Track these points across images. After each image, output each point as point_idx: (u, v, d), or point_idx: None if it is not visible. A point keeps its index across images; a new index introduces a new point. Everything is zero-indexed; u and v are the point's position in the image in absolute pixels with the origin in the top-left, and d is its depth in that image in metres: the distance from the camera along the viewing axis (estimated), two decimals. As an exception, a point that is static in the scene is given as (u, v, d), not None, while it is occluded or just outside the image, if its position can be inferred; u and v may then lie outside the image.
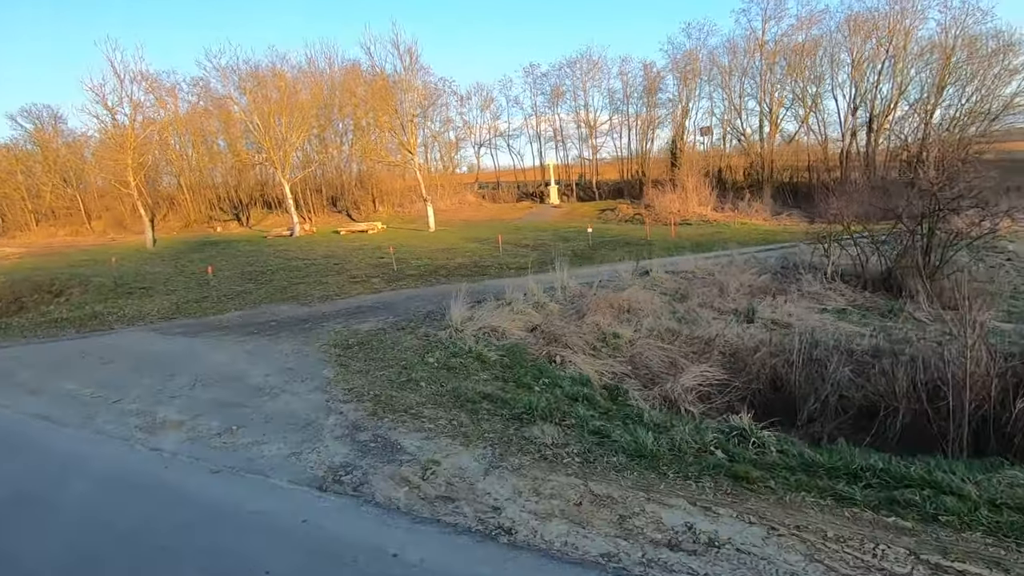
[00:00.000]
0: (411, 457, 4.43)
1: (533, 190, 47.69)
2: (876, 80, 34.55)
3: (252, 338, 8.70)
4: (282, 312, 11.22)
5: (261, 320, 10.45)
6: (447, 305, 10.44)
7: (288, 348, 7.89)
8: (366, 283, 14.49)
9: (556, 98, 46.05)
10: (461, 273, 15.51)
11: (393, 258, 17.03)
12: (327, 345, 7.91)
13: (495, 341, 7.74)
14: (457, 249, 20.54)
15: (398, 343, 7.74)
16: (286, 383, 6.15)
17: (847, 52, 35.76)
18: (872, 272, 11.09)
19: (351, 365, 6.73)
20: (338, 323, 9.66)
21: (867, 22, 33.66)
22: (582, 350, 7.52)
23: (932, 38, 33.59)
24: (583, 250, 19.84)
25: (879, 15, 33.31)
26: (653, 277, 11.70)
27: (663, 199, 31.66)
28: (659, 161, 42.49)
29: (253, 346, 8.13)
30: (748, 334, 7.84)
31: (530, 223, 31.65)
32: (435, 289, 13.19)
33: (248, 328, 9.65)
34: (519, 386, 5.90)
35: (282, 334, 8.86)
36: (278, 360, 7.22)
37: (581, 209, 36.46)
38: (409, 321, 9.43)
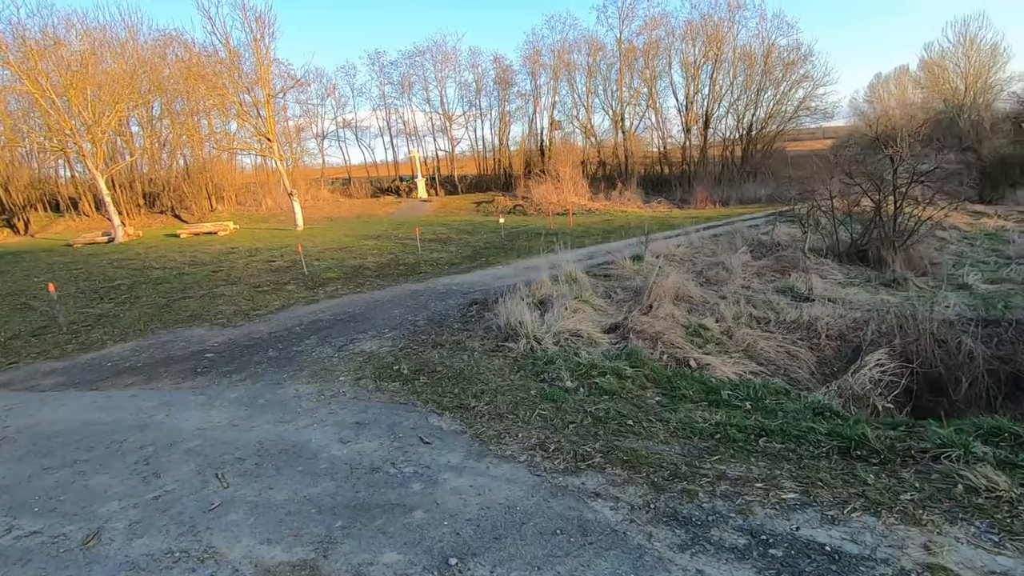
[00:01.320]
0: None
1: (388, 185, 44.76)
2: (711, 81, 38.41)
3: (211, 383, 5.76)
4: (203, 338, 8.00)
5: (183, 352, 7.24)
6: (440, 310, 8.40)
7: (306, 391, 5.24)
8: (282, 292, 11.39)
9: (407, 89, 43.53)
10: (392, 273, 13.12)
11: (303, 260, 13.86)
12: (368, 379, 5.42)
13: (590, 348, 6.03)
14: (355, 248, 17.68)
15: (476, 366, 5.58)
16: (405, 455, 3.72)
17: (681, 55, 39.25)
18: (843, 246, 11.50)
19: (468, 408, 4.48)
20: (321, 346, 7.02)
21: (700, 29, 37.21)
22: (697, 348, 6.19)
23: (747, 46, 38.29)
24: (499, 242, 18.40)
25: (709, 23, 37.00)
26: (648, 262, 10.78)
27: (539, 190, 31.47)
28: (520, 154, 42.56)
29: (238, 394, 5.29)
30: (836, 313, 7.23)
31: (408, 218, 29.16)
32: (389, 293, 10.75)
33: (180, 367, 6.51)
34: (727, 407, 4.37)
35: (258, 371, 6.04)
36: (322, 413, 4.63)
37: (454, 203, 34.78)
38: (428, 334, 7.18)
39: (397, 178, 46.27)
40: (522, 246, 17.32)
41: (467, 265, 14.07)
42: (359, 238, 20.51)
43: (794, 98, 40.68)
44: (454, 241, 19.58)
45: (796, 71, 39.33)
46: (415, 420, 4.29)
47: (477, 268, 13.53)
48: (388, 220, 28.40)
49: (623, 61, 36.32)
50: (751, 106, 38.80)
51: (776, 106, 39.91)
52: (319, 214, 31.67)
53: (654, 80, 39.20)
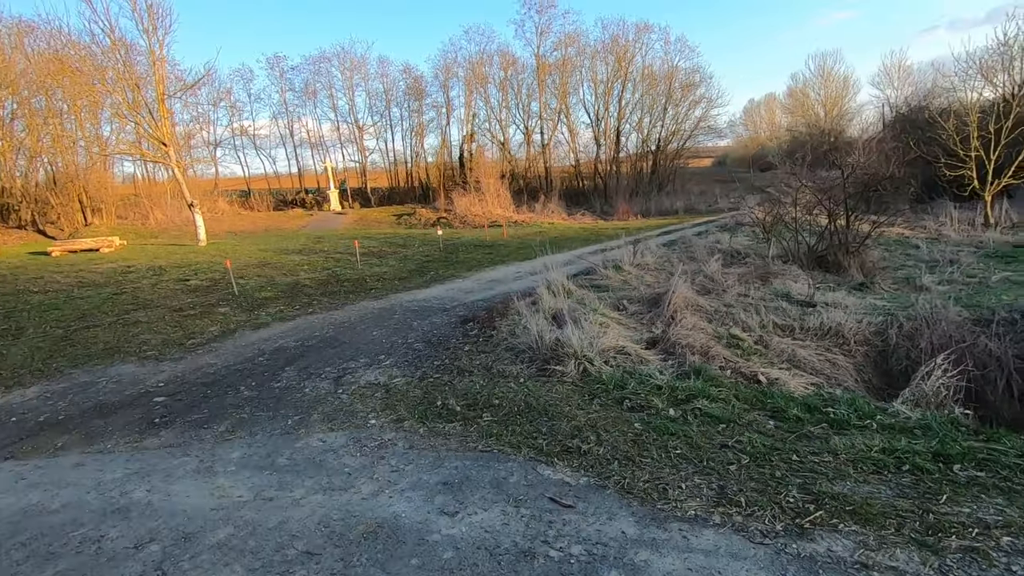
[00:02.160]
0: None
1: (293, 197, 41.94)
2: (620, 99, 39.94)
3: (187, 438, 4.36)
4: (137, 377, 6.38)
5: (118, 398, 5.65)
6: (429, 330, 7.45)
7: (337, 442, 4.06)
8: (214, 315, 9.70)
9: (311, 96, 41.13)
10: (338, 290, 11.80)
11: (233, 278, 12.03)
12: (412, 420, 4.31)
13: (642, 366, 5.39)
14: (280, 264, 15.86)
15: (535, 396, 4.66)
16: (552, 528, 2.56)
17: (592, 73, 40.53)
18: (802, 253, 11.89)
19: (578, 452, 3.53)
20: (308, 379, 5.77)
21: (610, 49, 38.63)
22: (745, 360, 5.77)
23: (652, 67, 40.35)
24: (440, 255, 17.42)
25: (618, 44, 38.53)
26: (628, 271, 10.42)
27: (462, 203, 30.79)
28: (437, 167, 41.60)
29: (241, 452, 3.98)
30: (853, 318, 7.17)
31: (326, 232, 27.10)
32: (351, 313, 9.49)
33: (124, 418, 4.99)
34: (855, 428, 3.89)
35: (245, 418, 4.74)
36: (383, 472, 3.49)
37: (372, 215, 33.02)
38: (438, 359, 6.17)
39: (302, 190, 43.41)
40: (467, 259, 16.45)
41: (420, 280, 12.97)
42: (278, 253, 18.51)
43: (693, 117, 43.47)
44: (389, 255, 18.28)
45: (695, 92, 42.07)
46: (521, 473, 3.36)
47: (435, 283, 12.48)
48: (303, 234, 26.16)
49: (540, 76, 36.70)
50: (657, 123, 40.85)
51: (678, 124, 42.38)
52: (219, 228, 28.56)
53: (566, 96, 40.08)
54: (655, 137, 39.88)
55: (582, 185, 39.13)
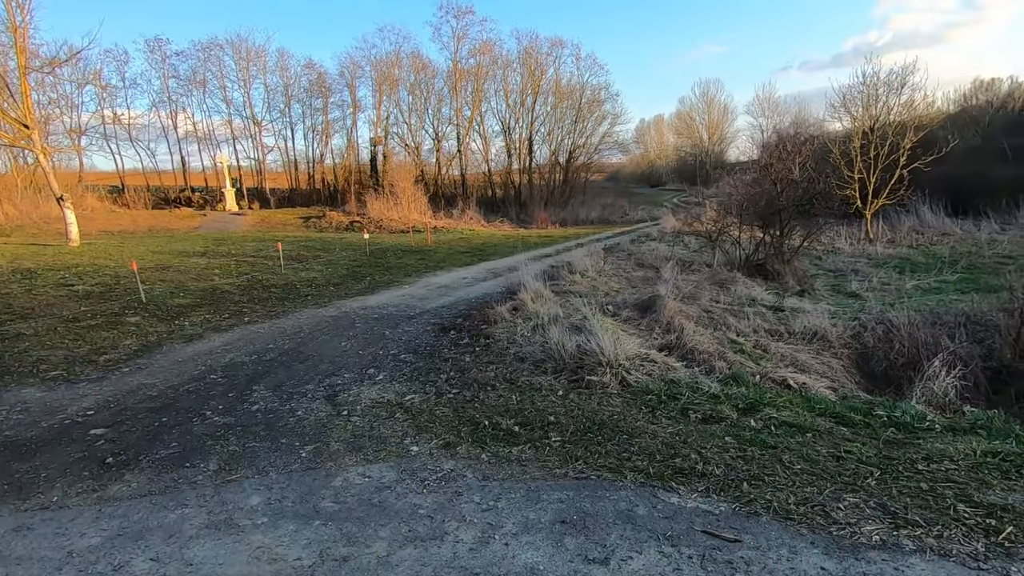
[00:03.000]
0: None
1: (177, 196, 37.99)
2: (531, 110, 40.51)
3: (165, 485, 3.38)
4: (51, 405, 5.07)
5: (33, 433, 4.40)
6: (408, 339, 6.79)
7: (385, 477, 3.32)
8: (123, 326, 8.22)
9: (201, 86, 37.56)
10: (267, 297, 10.63)
11: (139, 283, 10.28)
12: (464, 444, 3.60)
13: (673, 374, 5.14)
14: (185, 268, 13.96)
15: (587, 410, 4.18)
16: (734, 570, 2.23)
17: (505, 84, 40.80)
18: (740, 262, 12.47)
19: (693, 473, 3.08)
20: (292, 400, 4.88)
21: (524, 60, 39.09)
22: (756, 364, 5.74)
23: (564, 80, 41.44)
24: (369, 261, 16.34)
25: (532, 56, 39.12)
26: (592, 278, 10.27)
27: (376, 207, 29.52)
28: (344, 169, 39.59)
29: (261, 498, 3.09)
30: (827, 322, 7.47)
31: (226, 233, 24.55)
32: (299, 321, 8.43)
33: (56, 461, 3.82)
34: (922, 431, 3.88)
35: (238, 452, 3.82)
36: (470, 512, 2.78)
37: (276, 217, 30.52)
38: (442, 371, 5.50)
39: (188, 188, 39.36)
40: (400, 264, 15.54)
41: (359, 286, 11.97)
42: (177, 255, 16.31)
43: (599, 132, 45.17)
44: (310, 259, 16.82)
45: (602, 108, 43.73)
46: (645, 502, 2.89)
47: (380, 289, 11.56)
48: (199, 236, 23.47)
49: (456, 82, 36.21)
50: (568, 136, 41.93)
51: (587, 138, 43.82)
52: (91, 227, 24.84)
53: (479, 104, 39.94)
54: (565, 149, 40.85)
55: (495, 193, 39.07)
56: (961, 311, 7.76)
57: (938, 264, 14.97)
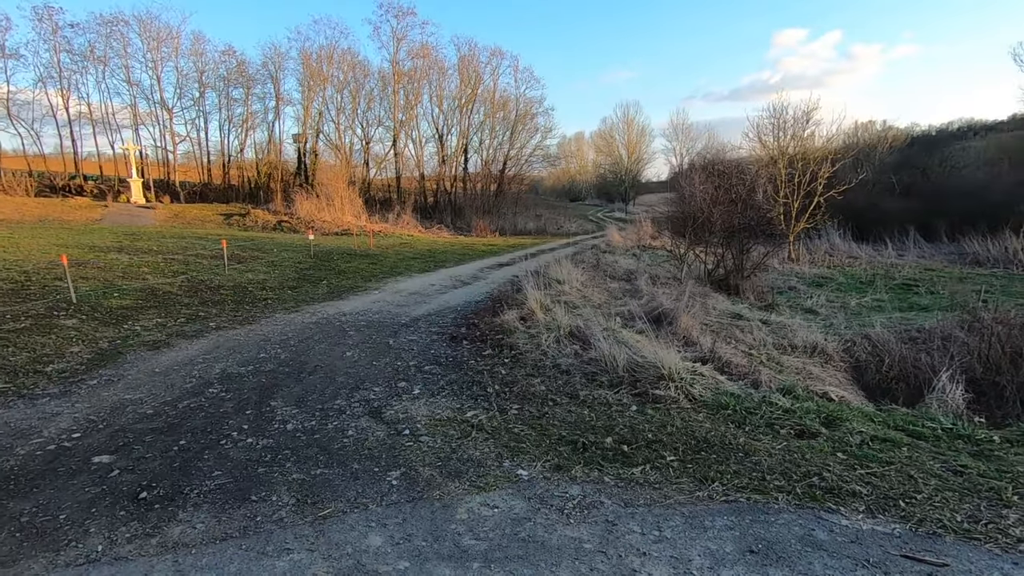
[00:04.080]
0: None
1: (66, 183, 34.09)
2: (468, 118, 40.33)
3: (242, 521, 2.81)
4: (19, 425, 4.17)
5: (16, 463, 3.57)
6: (422, 349, 6.42)
7: (515, 509, 2.95)
8: (59, 330, 7.10)
9: (101, 64, 34.04)
10: (219, 299, 9.70)
11: (70, 282, 8.87)
12: (577, 466, 3.34)
13: (721, 387, 5.12)
14: (106, 265, 12.35)
15: (675, 426, 4.00)
16: None
17: (440, 90, 40.34)
18: (705, 277, 12.95)
19: (854, 496, 2.98)
20: (328, 419, 4.33)
21: (462, 68, 38.87)
22: (783, 376, 5.88)
23: (501, 90, 41.67)
24: (314, 263, 15.35)
25: (470, 65, 38.97)
26: (576, 287, 10.20)
27: (306, 207, 28.04)
28: (265, 165, 37.23)
29: (386, 536, 2.61)
30: (820, 337, 7.84)
31: (137, 228, 22.10)
32: (281, 327, 7.66)
33: (60, 496, 3.08)
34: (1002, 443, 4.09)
35: (295, 481, 3.27)
36: (637, 542, 2.52)
37: (191, 212, 27.97)
38: (482, 385, 5.13)
39: (79, 175, 35.28)
40: (351, 269, 14.70)
41: (321, 291, 11.15)
42: (89, 251, 14.36)
43: (531, 144, 45.81)
44: (248, 259, 15.51)
45: (535, 120, 44.41)
46: (818, 527, 2.74)
47: (348, 294, 10.82)
48: (103, 229, 20.90)
49: (395, 84, 35.22)
50: (503, 145, 42.14)
51: (520, 149, 44.28)
52: (-35, 214, 21.47)
53: (415, 108, 39.16)
54: (500, 158, 40.98)
55: (428, 200, 38.35)
56: (925, 328, 8.47)
57: (856, 284, 16.44)
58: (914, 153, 34.58)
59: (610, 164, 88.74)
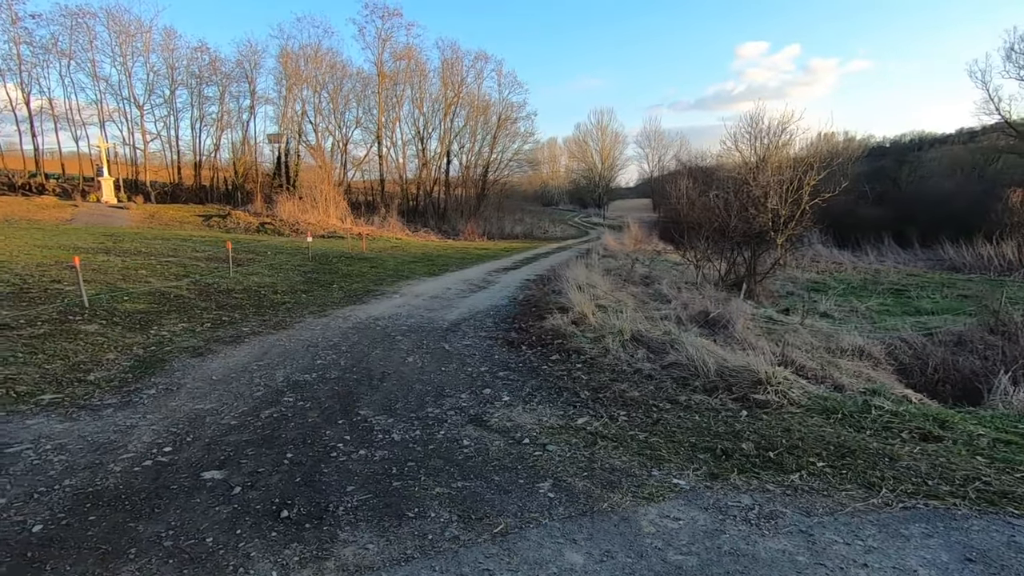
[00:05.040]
0: None
1: (26, 181, 32.54)
2: (451, 121, 40.03)
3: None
4: (87, 438, 3.83)
5: (110, 483, 3.23)
6: (482, 355, 6.23)
7: (697, 522, 2.83)
8: (84, 337, 6.67)
9: (65, 58, 32.64)
10: (240, 304, 9.31)
11: (82, 285, 8.34)
12: (730, 472, 3.27)
13: (813, 391, 5.10)
14: (99, 267, 11.74)
15: (802, 431, 3.98)
16: None
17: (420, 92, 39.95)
18: (715, 280, 13.09)
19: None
20: (439, 430, 4.13)
21: (445, 71, 38.61)
22: (853, 378, 5.93)
23: (484, 95, 41.56)
24: (316, 267, 14.92)
25: (455, 68, 38.75)
26: (607, 293, 10.14)
27: (288, 208, 27.37)
28: (242, 165, 36.16)
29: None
30: (861, 341, 7.95)
31: (114, 229, 21.09)
32: (318, 333, 7.36)
33: (211, 517, 2.83)
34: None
35: (468, 495, 3.09)
36: (842, 552, 2.46)
37: (168, 213, 26.88)
38: (571, 391, 5.00)
39: (39, 173, 33.62)
40: (355, 271, 14.36)
41: (338, 295, 10.83)
42: (74, 252, 13.56)
43: (511, 148, 45.81)
44: (244, 262, 14.94)
45: (517, 125, 44.42)
46: (1011, 530, 2.71)
47: (367, 297, 10.53)
48: (80, 230, 19.86)
49: (379, 85, 34.69)
50: (485, 149, 41.99)
51: (502, 153, 44.23)
52: (-78, 212, 20.11)
53: (397, 110, 38.68)
54: (481, 163, 40.82)
55: (412, 203, 37.87)
56: (953, 332, 8.72)
57: (851, 289, 16.90)
58: (886, 163, 36.01)
59: (584, 170, 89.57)
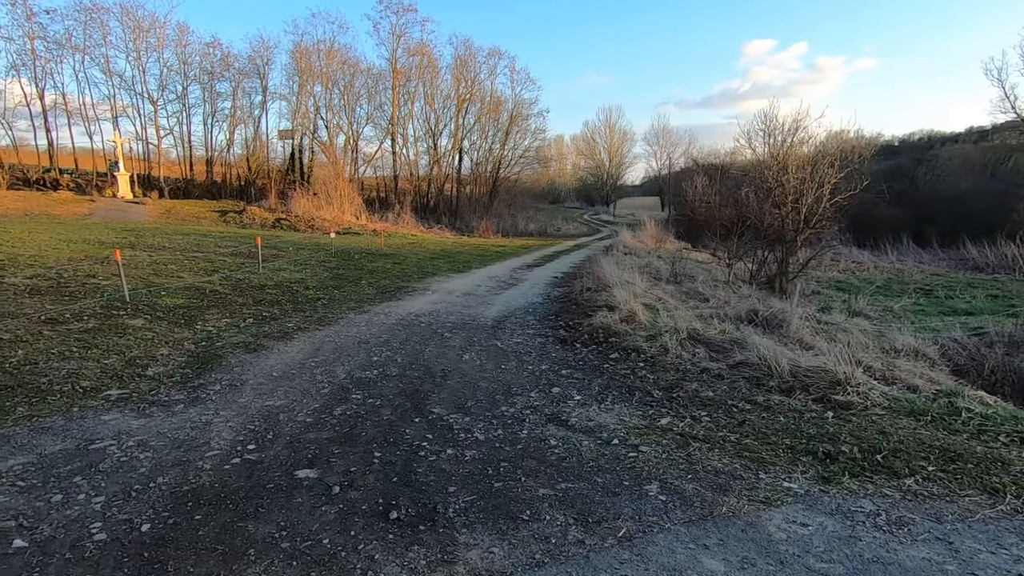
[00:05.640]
0: None
1: (40, 176, 32.63)
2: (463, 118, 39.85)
3: None
4: (185, 438, 3.75)
5: (248, 484, 3.16)
6: (534, 353, 6.15)
7: (826, 529, 2.73)
8: (132, 332, 6.62)
9: (80, 53, 32.67)
10: (273, 299, 9.22)
11: (123, 280, 8.31)
12: (839, 475, 3.19)
13: (885, 390, 4.99)
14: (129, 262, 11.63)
15: (918, 435, 3.87)
16: None
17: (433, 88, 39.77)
18: (747, 278, 12.96)
19: None
20: (522, 429, 4.05)
21: (458, 67, 38.45)
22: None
23: (497, 92, 41.36)
24: (340, 263, 14.82)
25: (468, 64, 38.57)
26: (646, 290, 10.04)
27: (302, 204, 27.29)
28: (256, 162, 36.15)
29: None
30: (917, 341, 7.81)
31: (134, 224, 21.10)
32: (364, 330, 7.28)
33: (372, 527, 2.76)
34: None
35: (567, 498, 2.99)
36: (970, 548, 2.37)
37: (184, 209, 26.88)
38: (647, 394, 4.90)
39: (54, 168, 33.71)
40: (380, 268, 14.28)
41: (369, 291, 10.76)
42: (100, 247, 13.54)
43: (522, 145, 45.60)
44: (268, 258, 14.87)
45: (531, 122, 44.18)
46: None
47: (400, 294, 10.49)
48: (100, 225, 19.87)
49: (394, 82, 34.59)
50: (497, 147, 41.84)
51: (514, 150, 44.06)
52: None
53: (411, 106, 38.56)
54: (492, 159, 40.69)
55: (425, 200, 37.80)
56: (1003, 333, 8.57)
57: (876, 288, 16.72)
58: (903, 162, 35.73)
59: (592, 167, 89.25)
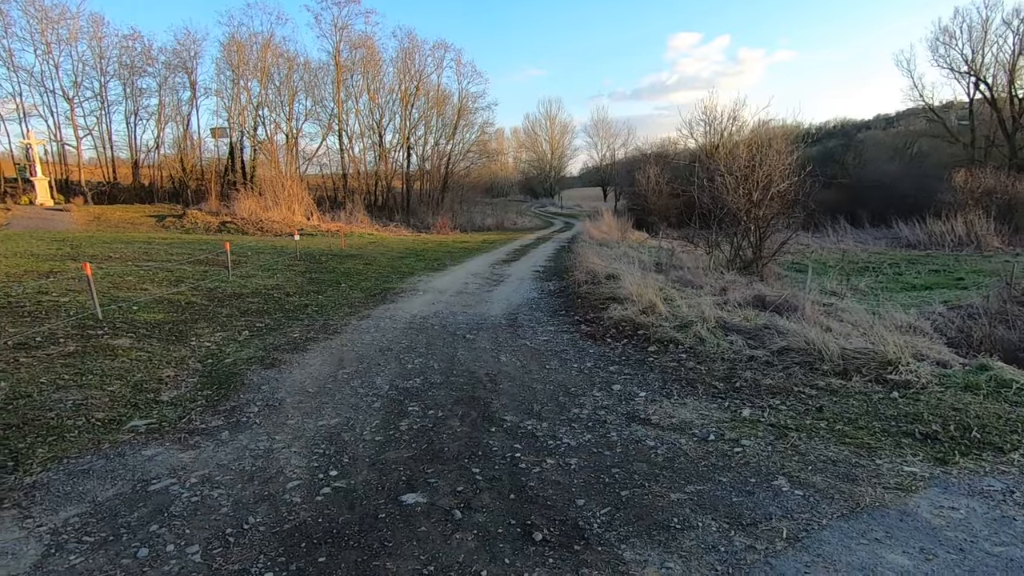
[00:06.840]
0: None
1: None
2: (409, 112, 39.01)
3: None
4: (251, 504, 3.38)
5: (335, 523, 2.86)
6: (573, 353, 6.05)
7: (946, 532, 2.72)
8: (125, 353, 6.04)
9: None
10: (257, 309, 8.70)
11: (95, 296, 7.52)
12: (962, 458, 3.22)
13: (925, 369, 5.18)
14: (79, 276, 10.65)
15: (990, 415, 3.99)
16: None
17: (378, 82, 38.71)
18: (725, 263, 13.32)
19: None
20: (615, 431, 3.91)
21: (402, 60, 37.51)
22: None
23: (444, 86, 40.74)
24: (308, 267, 14.17)
25: (411, 57, 37.74)
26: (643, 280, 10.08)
27: (247, 206, 25.97)
28: (190, 162, 33.97)
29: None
30: (904, 317, 8.21)
31: (62, 233, 19.28)
32: (377, 337, 6.92)
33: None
34: None
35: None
36: None
37: (115, 215, 24.87)
38: (697, 385, 4.87)
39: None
40: (352, 269, 13.76)
41: (355, 295, 10.28)
42: (40, 260, 12.31)
43: (470, 139, 45.16)
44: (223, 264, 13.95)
45: (479, 116, 43.75)
46: None
47: (390, 296, 10.05)
48: (26, 235, 18.01)
49: (337, 76, 33.27)
50: (445, 141, 41.21)
51: (462, 145, 43.54)
52: None
53: (356, 101, 37.31)
54: (441, 154, 40.07)
55: (376, 198, 36.75)
56: (975, 305, 9.19)
57: (830, 268, 17.65)
58: (832, 147, 37.95)
59: (534, 160, 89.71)
